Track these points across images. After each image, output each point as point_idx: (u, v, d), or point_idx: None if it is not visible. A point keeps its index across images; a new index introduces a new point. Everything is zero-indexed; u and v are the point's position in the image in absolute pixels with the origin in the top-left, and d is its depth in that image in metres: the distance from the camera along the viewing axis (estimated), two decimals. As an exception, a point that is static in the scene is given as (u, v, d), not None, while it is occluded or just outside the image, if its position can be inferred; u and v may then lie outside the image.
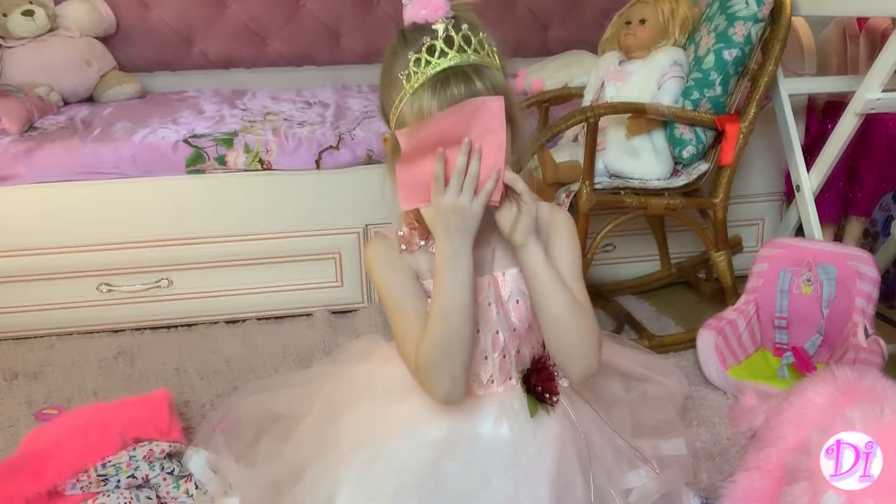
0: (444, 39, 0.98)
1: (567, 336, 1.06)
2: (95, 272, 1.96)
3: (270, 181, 1.96)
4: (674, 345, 1.80)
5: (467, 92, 0.97)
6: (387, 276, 1.10)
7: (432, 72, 0.98)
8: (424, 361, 1.04)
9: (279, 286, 2.03)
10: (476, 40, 0.99)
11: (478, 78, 0.97)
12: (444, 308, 1.02)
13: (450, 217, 0.99)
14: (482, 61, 0.99)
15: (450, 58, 0.98)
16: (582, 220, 1.67)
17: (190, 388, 1.72)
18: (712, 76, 1.67)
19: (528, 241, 1.03)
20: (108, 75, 2.51)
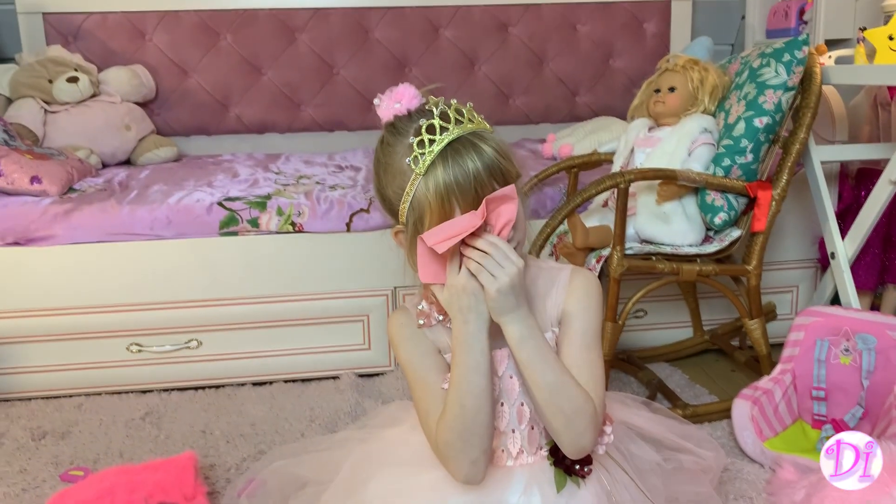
0: (440, 116, 1.00)
1: (549, 412, 1.03)
2: (126, 332, 1.97)
3: (302, 243, 1.98)
4: (708, 414, 1.76)
5: (479, 158, 0.98)
6: (409, 352, 1.11)
7: (439, 148, 0.99)
8: (443, 444, 1.05)
9: (307, 348, 2.03)
10: (466, 111, 1.03)
11: (483, 143, 1.00)
12: (460, 393, 1.02)
13: (463, 298, 1.00)
14: (479, 128, 1.02)
15: (451, 131, 1.00)
16: (613, 286, 1.66)
17: (216, 451, 1.71)
18: (743, 143, 1.67)
19: (501, 322, 1.01)
20: (146, 139, 2.58)
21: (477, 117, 1.04)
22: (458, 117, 1.01)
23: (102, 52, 2.68)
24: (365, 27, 2.79)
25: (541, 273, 1.14)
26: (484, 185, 0.98)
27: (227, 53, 2.74)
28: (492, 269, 0.98)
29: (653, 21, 2.94)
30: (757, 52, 1.74)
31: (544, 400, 1.03)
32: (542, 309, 1.10)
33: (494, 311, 1.00)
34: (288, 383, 2.04)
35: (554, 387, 1.02)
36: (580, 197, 1.65)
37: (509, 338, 1.02)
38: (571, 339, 1.08)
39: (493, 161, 0.99)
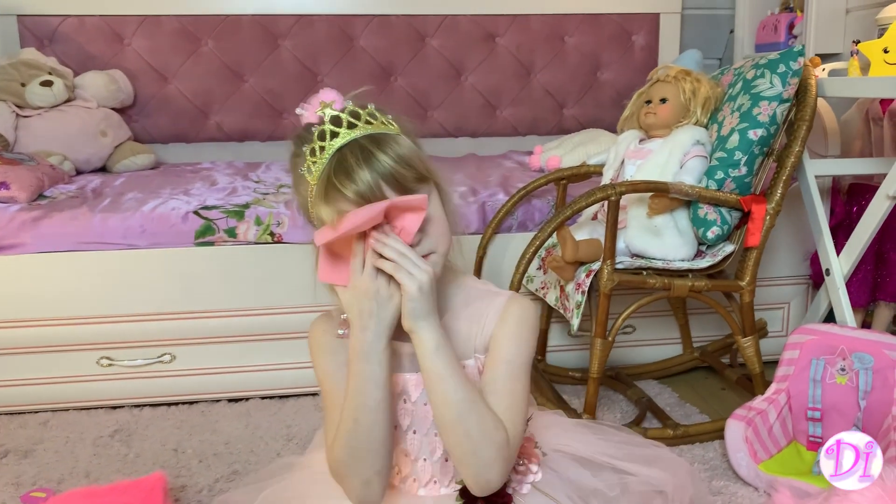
0: (331, 122, 0.95)
1: (454, 436, 0.96)
2: (96, 345, 1.89)
3: (280, 254, 1.91)
4: (699, 435, 1.70)
5: (369, 166, 0.92)
6: (326, 364, 1.04)
7: (328, 155, 0.94)
8: (334, 461, 1.00)
9: (285, 363, 1.96)
10: (365, 114, 0.96)
11: (375, 146, 0.94)
12: (354, 406, 0.96)
13: (364, 302, 0.94)
14: (377, 130, 0.96)
15: (341, 136, 0.94)
16: (603, 301, 1.60)
17: (187, 472, 1.63)
18: (737, 156, 1.63)
19: (415, 327, 0.95)
20: (123, 146, 2.51)
21: (381, 118, 0.98)
22: (351, 120, 0.95)
23: (79, 56, 2.60)
24: (350, 35, 2.74)
25: (477, 295, 1.07)
26: (376, 194, 0.93)
27: (208, 59, 2.68)
28: (410, 269, 0.92)
29: (641, 33, 2.91)
30: (751, 64, 1.71)
31: (451, 420, 0.95)
32: (468, 334, 1.04)
33: (412, 313, 0.93)
34: (265, 400, 1.97)
35: (463, 405, 0.95)
36: (570, 209, 1.60)
37: (423, 346, 0.95)
38: (496, 365, 1.01)
39: (388, 169, 0.93)
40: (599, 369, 1.63)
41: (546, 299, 1.84)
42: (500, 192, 2.07)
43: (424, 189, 0.97)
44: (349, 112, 0.95)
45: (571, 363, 2.07)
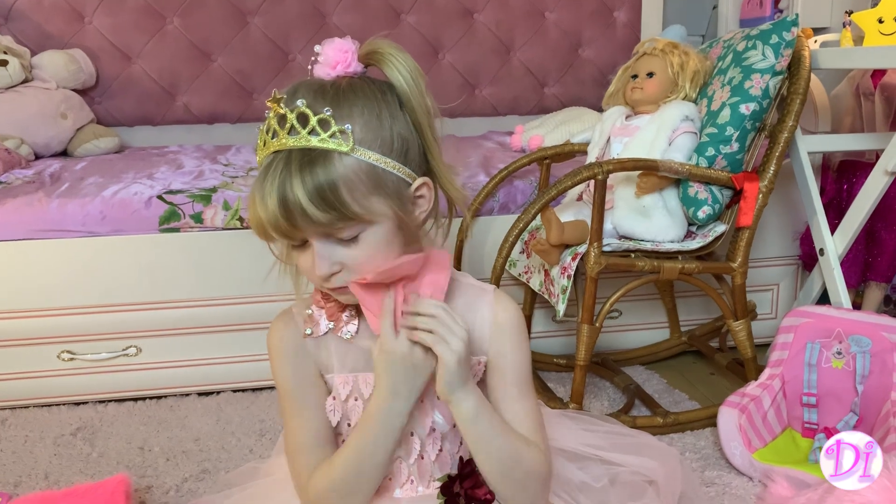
0: (277, 118, 0.84)
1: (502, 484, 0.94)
2: (57, 338, 1.79)
3: (251, 240, 1.80)
4: (690, 423, 1.64)
5: (280, 196, 0.81)
6: (287, 373, 0.97)
7: (264, 154, 0.85)
8: (318, 497, 0.94)
9: (256, 355, 1.86)
10: (316, 120, 0.82)
11: (297, 173, 0.81)
12: (361, 459, 0.92)
13: (400, 370, 0.88)
14: (319, 145, 0.82)
15: (278, 140, 0.83)
16: (590, 285, 1.53)
17: (154, 471, 1.54)
18: (728, 131, 1.55)
19: (452, 398, 0.90)
20: (85, 129, 2.39)
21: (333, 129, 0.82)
22: (295, 125, 0.83)
23: (37, 36, 2.47)
24: (322, 11, 2.63)
25: (461, 289, 0.99)
26: (285, 227, 0.83)
27: (175, 38, 2.55)
28: (448, 338, 0.86)
29: (623, 10, 2.83)
30: (742, 35, 1.63)
31: (499, 473, 0.93)
32: None
33: (449, 385, 0.88)
34: (237, 393, 1.88)
35: (509, 461, 0.92)
36: (554, 189, 1.52)
37: (462, 415, 0.90)
38: (509, 387, 0.97)
39: (298, 205, 0.81)
40: (587, 356, 1.56)
41: (530, 284, 1.77)
42: (480, 173, 1.98)
43: (353, 228, 0.85)
44: (297, 115, 0.83)
45: (556, 350, 2.00)
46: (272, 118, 0.85)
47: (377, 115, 0.86)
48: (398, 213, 0.87)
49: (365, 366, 0.96)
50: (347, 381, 0.97)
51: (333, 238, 0.86)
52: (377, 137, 0.85)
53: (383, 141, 0.86)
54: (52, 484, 1.49)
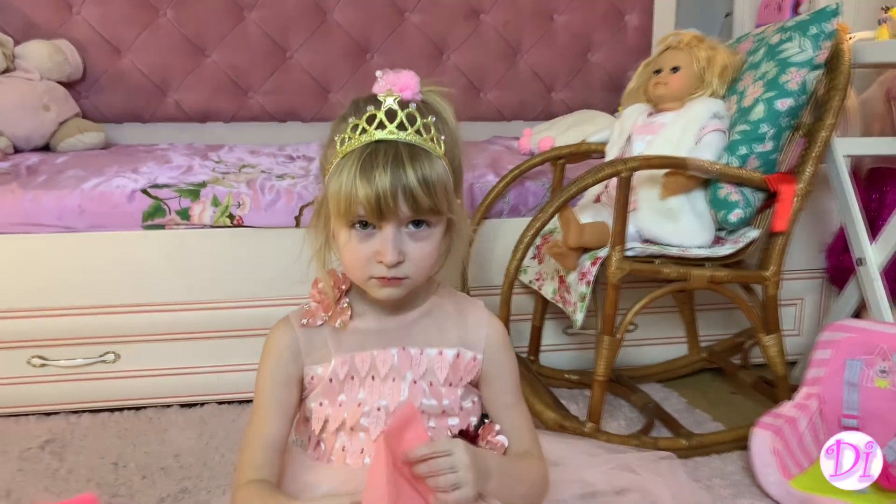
0: (386, 112, 0.92)
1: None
2: (27, 342, 1.65)
3: (241, 240, 1.69)
4: (716, 445, 1.51)
5: (393, 174, 0.89)
6: (268, 372, 1.02)
7: (365, 140, 0.92)
8: None
9: (245, 364, 1.72)
10: (421, 122, 0.92)
11: (409, 161, 0.90)
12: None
13: None
14: (421, 143, 0.92)
15: (387, 131, 0.91)
16: (612, 292, 1.40)
17: (128, 490, 1.39)
18: (763, 129, 1.43)
19: None
20: (69, 123, 2.25)
21: (433, 134, 0.93)
22: (405, 121, 0.91)
23: (22, 25, 2.34)
24: (323, 8, 2.51)
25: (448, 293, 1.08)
26: (388, 205, 0.90)
27: (167, 32, 2.43)
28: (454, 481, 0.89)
29: (634, 13, 2.73)
30: (775, 28, 1.52)
31: None
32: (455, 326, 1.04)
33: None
34: (222, 405, 1.73)
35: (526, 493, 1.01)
36: (574, 186, 1.39)
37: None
38: (505, 397, 1.05)
39: (409, 186, 0.90)
40: (606, 371, 1.43)
41: (542, 292, 1.64)
42: (489, 173, 1.86)
43: (435, 222, 0.95)
44: (407, 114, 0.92)
45: (566, 364, 1.87)
46: (379, 112, 0.92)
47: (450, 139, 0.96)
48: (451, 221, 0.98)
49: (360, 346, 1.01)
50: (345, 361, 1.00)
51: (408, 229, 0.93)
52: (451, 156, 0.96)
53: (452, 160, 0.97)
54: (14, 502, 1.35)
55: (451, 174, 0.95)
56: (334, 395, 1.00)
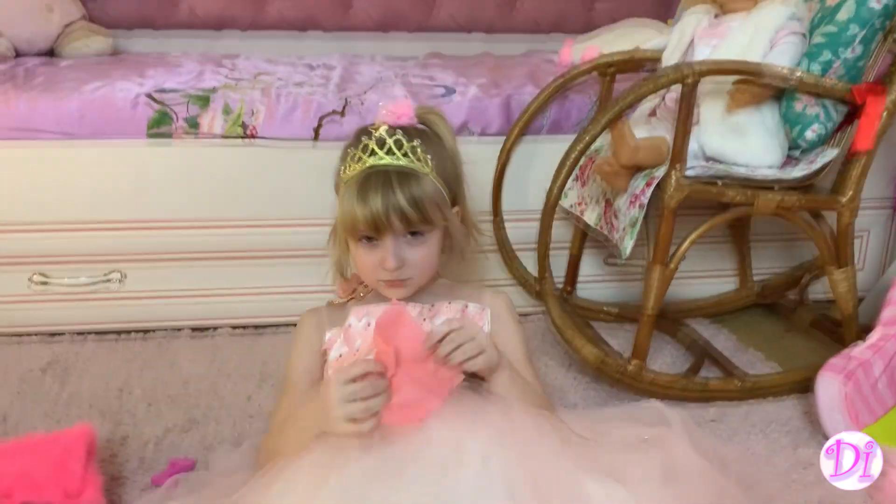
0: (376, 140, 1.08)
1: None
2: (27, 259, 1.53)
3: (254, 153, 1.54)
4: (772, 387, 1.38)
5: (384, 198, 1.05)
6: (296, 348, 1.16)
7: (360, 168, 1.08)
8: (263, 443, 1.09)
9: (261, 289, 1.61)
10: (408, 146, 1.08)
11: (397, 183, 1.05)
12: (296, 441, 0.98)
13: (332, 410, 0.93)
14: (409, 165, 1.07)
15: (378, 157, 1.07)
16: (667, 217, 1.25)
17: (132, 419, 1.29)
18: (852, 31, 1.24)
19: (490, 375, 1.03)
20: (75, 27, 2.09)
21: (419, 155, 1.08)
22: (392, 147, 1.07)
23: (22, -82, 2.16)
24: None
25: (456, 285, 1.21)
26: (383, 222, 1.05)
27: (179, -72, 2.24)
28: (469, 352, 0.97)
29: (690, -85, 2.47)
30: (868, -86, 1.30)
31: None
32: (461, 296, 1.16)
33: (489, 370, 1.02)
34: (236, 331, 1.62)
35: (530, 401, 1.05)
36: (632, 94, 1.22)
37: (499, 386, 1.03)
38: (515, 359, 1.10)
39: (398, 206, 1.05)
40: (656, 305, 1.29)
41: (584, 218, 1.49)
42: (527, 84, 1.68)
43: (429, 230, 1.10)
44: (395, 140, 1.08)
45: (605, 298, 1.72)
46: (370, 142, 1.08)
47: (440, 155, 1.12)
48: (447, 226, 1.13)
49: (374, 300, 1.15)
50: (361, 311, 1.12)
51: (406, 238, 1.09)
52: (441, 169, 1.11)
53: (443, 173, 1.12)
54: (10, 428, 1.25)
55: (442, 186, 1.10)
56: (352, 341, 1.09)
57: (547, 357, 1.52)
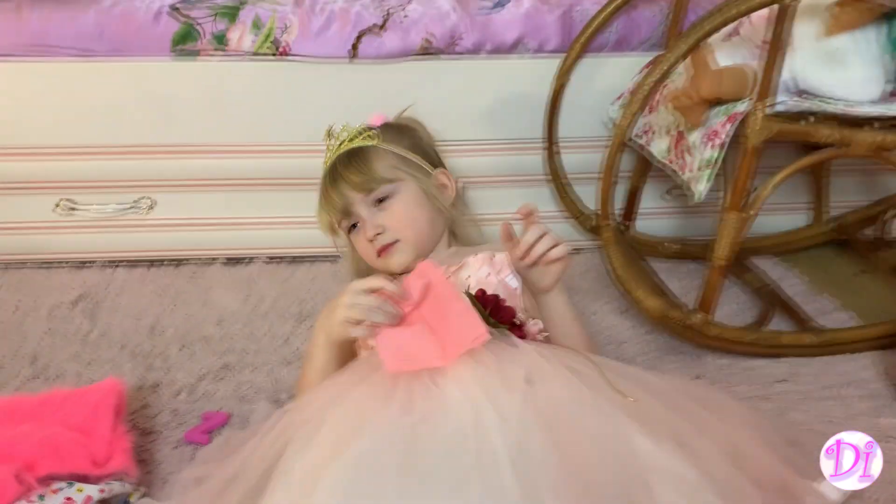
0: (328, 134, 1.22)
1: None
2: (52, 185, 1.46)
3: (288, 73, 1.41)
4: (852, 343, 1.26)
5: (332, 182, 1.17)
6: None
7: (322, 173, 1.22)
8: None
9: (298, 218, 1.51)
10: (356, 129, 1.19)
11: (341, 164, 1.16)
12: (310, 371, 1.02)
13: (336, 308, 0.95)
14: (354, 145, 1.17)
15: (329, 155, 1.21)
16: (749, 158, 1.11)
17: (163, 364, 1.24)
18: None
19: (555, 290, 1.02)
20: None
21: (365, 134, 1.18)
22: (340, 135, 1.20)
23: None
24: None
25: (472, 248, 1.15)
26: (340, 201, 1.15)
27: None
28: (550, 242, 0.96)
29: None
30: None
31: None
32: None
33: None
34: (272, 263, 1.54)
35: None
36: (719, 17, 1.05)
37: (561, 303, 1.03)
38: None
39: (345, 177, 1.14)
40: (729, 254, 1.16)
41: (649, 148, 1.34)
42: (590, -5, 1.50)
43: (391, 190, 1.14)
44: (342, 129, 1.20)
45: (665, 231, 1.60)
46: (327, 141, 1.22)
47: (398, 130, 1.22)
48: (420, 184, 1.16)
49: None
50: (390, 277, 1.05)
51: (377, 206, 1.14)
52: (400, 140, 1.19)
53: (404, 142, 1.19)
54: (39, 371, 1.20)
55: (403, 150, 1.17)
56: None
57: (601, 300, 1.41)
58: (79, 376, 1.19)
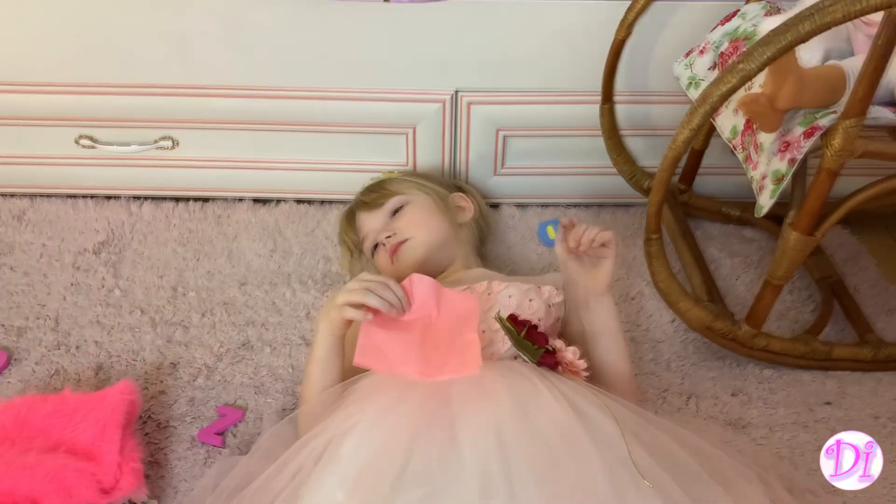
0: None
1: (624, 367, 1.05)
2: (70, 120, 1.39)
3: (317, 13, 1.26)
4: (913, 363, 1.16)
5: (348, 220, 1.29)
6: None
7: None
8: None
9: (327, 162, 1.43)
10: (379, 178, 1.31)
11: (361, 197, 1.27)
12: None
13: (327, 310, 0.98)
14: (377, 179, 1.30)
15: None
16: (824, 179, 0.96)
17: (183, 335, 1.21)
18: None
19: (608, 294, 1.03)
20: None
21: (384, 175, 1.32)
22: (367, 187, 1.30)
23: None
24: None
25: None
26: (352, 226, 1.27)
27: None
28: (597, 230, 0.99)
29: None
30: None
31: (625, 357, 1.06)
32: None
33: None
34: (300, 205, 1.47)
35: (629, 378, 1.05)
36: (818, 19, 0.86)
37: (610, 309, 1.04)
38: None
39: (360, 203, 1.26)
40: (787, 275, 1.05)
41: (715, 122, 1.19)
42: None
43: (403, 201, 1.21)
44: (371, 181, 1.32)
45: (725, 192, 1.46)
46: None
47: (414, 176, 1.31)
48: (435, 200, 1.23)
49: None
50: None
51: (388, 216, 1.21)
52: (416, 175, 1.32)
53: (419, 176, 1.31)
54: (60, 338, 1.20)
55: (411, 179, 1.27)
56: None
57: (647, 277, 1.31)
58: (99, 348, 1.18)
